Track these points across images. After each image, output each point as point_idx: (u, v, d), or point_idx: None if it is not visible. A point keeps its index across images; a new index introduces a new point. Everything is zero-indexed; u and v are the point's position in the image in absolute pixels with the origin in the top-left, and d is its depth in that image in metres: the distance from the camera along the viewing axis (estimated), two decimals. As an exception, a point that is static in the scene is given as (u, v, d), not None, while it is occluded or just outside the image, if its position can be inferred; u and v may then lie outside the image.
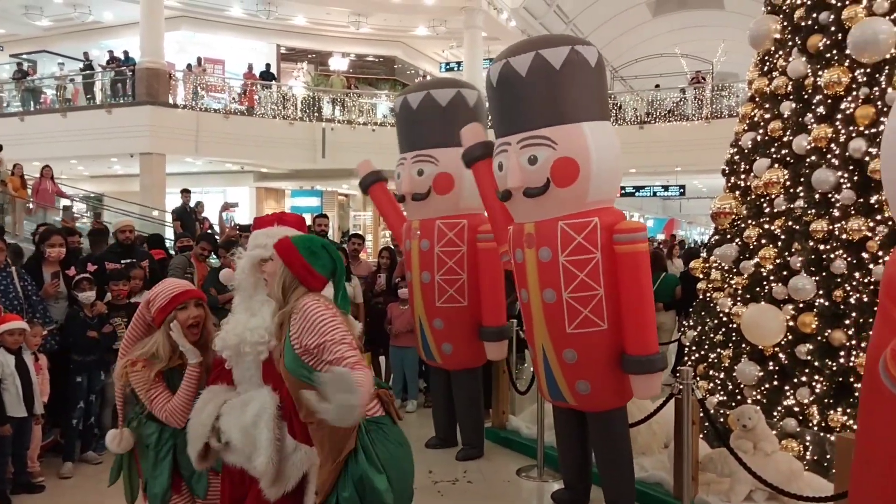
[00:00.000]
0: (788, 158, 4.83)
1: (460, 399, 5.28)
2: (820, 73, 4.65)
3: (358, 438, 2.26)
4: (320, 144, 17.93)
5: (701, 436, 4.27)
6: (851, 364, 4.18)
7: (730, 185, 5.42)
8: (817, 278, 4.38)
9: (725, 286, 5.09)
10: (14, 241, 6.82)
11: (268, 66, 19.22)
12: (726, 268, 5.11)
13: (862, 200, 4.32)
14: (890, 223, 4.17)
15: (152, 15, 15.96)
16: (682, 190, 20.99)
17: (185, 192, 12.42)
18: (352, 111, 18.94)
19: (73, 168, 19.31)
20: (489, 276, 4.96)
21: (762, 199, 4.98)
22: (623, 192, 18.99)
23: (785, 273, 4.61)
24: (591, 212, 3.83)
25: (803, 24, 4.89)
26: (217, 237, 9.41)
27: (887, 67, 4.32)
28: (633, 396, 4.01)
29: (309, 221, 7.59)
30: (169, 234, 12.28)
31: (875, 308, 2.32)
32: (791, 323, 4.43)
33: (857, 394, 4.01)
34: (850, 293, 4.24)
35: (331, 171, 18.85)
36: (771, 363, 4.57)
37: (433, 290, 5.04)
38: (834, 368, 4.22)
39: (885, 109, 4.25)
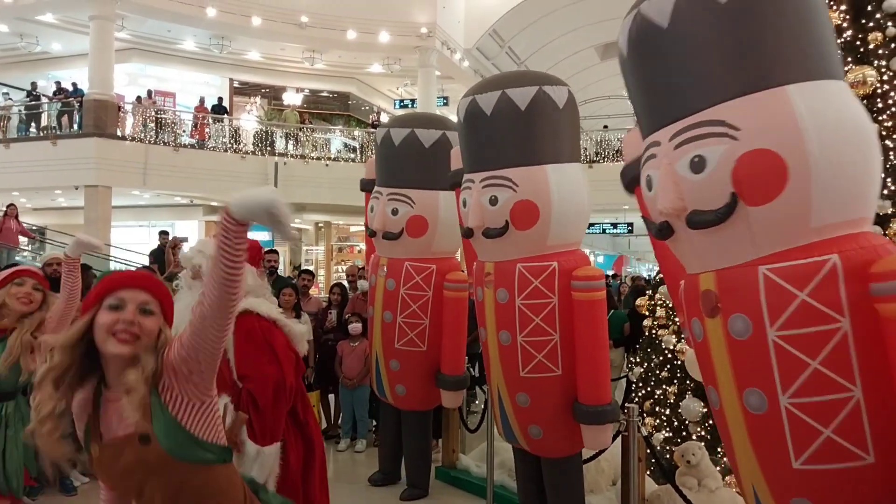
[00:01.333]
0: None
1: (408, 439, 5.21)
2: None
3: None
4: (272, 178, 17.77)
5: (648, 472, 4.31)
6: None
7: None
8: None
9: (670, 323, 5.19)
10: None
11: (220, 99, 19.09)
12: (671, 305, 5.22)
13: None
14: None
15: (102, 46, 15.73)
16: (630, 227, 21.46)
17: (164, 234, 12.13)
18: (305, 146, 18.90)
19: (15, 200, 18.70)
20: (452, 324, 4.90)
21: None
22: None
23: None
24: (551, 255, 3.76)
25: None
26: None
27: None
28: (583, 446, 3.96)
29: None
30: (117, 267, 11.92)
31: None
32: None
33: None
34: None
35: (283, 205, 18.68)
36: (714, 399, 4.64)
37: (393, 331, 4.98)
38: (774, 404, 4.28)
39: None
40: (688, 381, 4.79)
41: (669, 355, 5.04)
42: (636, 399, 5.26)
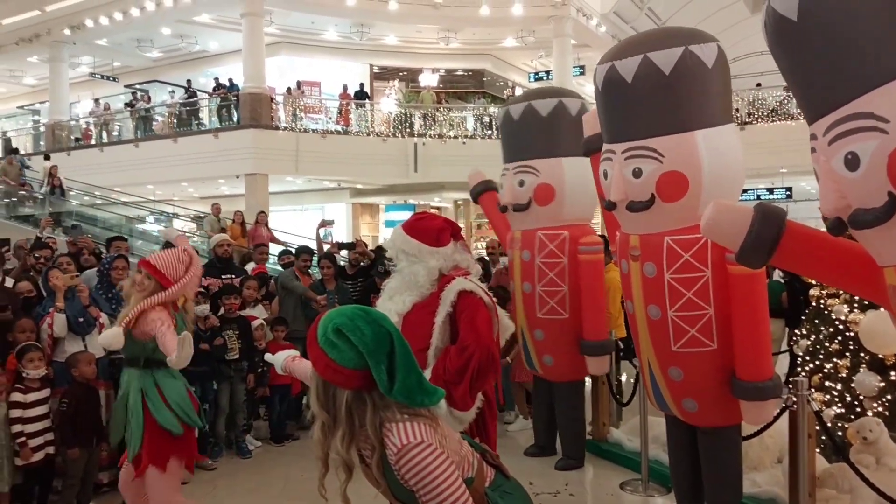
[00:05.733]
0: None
1: (562, 411, 5.22)
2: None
3: None
4: (412, 159, 18.26)
5: (817, 450, 4.05)
6: None
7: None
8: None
9: (841, 292, 4.81)
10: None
11: (361, 85, 19.79)
12: (841, 272, 4.84)
13: None
14: None
15: (254, 42, 16.78)
16: (788, 192, 19.98)
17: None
18: (442, 125, 19.20)
19: (184, 190, 20.51)
20: (590, 288, 4.86)
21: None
22: (724, 196, 18.31)
23: (907, 277, 4.28)
24: None
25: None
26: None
27: None
28: (743, 422, 3.77)
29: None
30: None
31: None
32: (916, 330, 4.12)
33: None
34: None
35: (423, 185, 19.16)
36: (893, 373, 4.28)
37: (534, 301, 5.01)
38: (967, 379, 3.86)
39: None
40: (862, 354, 4.43)
41: (840, 326, 4.68)
42: (802, 373, 4.94)
